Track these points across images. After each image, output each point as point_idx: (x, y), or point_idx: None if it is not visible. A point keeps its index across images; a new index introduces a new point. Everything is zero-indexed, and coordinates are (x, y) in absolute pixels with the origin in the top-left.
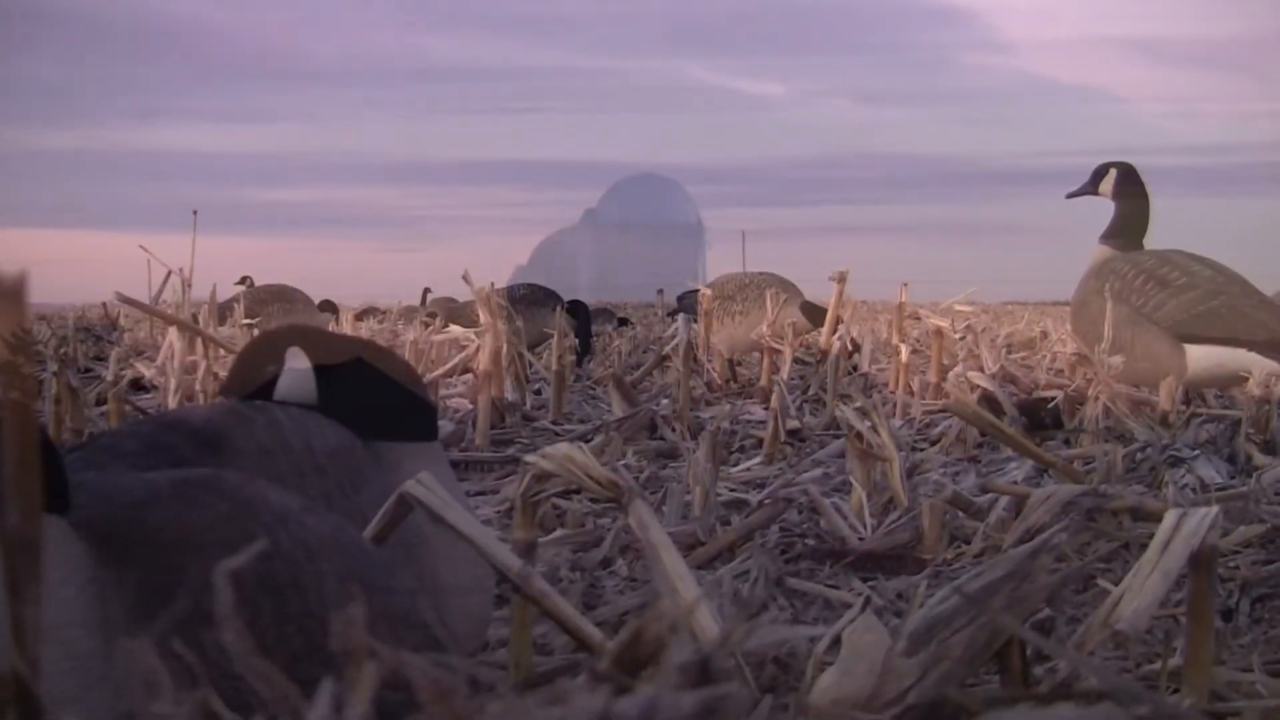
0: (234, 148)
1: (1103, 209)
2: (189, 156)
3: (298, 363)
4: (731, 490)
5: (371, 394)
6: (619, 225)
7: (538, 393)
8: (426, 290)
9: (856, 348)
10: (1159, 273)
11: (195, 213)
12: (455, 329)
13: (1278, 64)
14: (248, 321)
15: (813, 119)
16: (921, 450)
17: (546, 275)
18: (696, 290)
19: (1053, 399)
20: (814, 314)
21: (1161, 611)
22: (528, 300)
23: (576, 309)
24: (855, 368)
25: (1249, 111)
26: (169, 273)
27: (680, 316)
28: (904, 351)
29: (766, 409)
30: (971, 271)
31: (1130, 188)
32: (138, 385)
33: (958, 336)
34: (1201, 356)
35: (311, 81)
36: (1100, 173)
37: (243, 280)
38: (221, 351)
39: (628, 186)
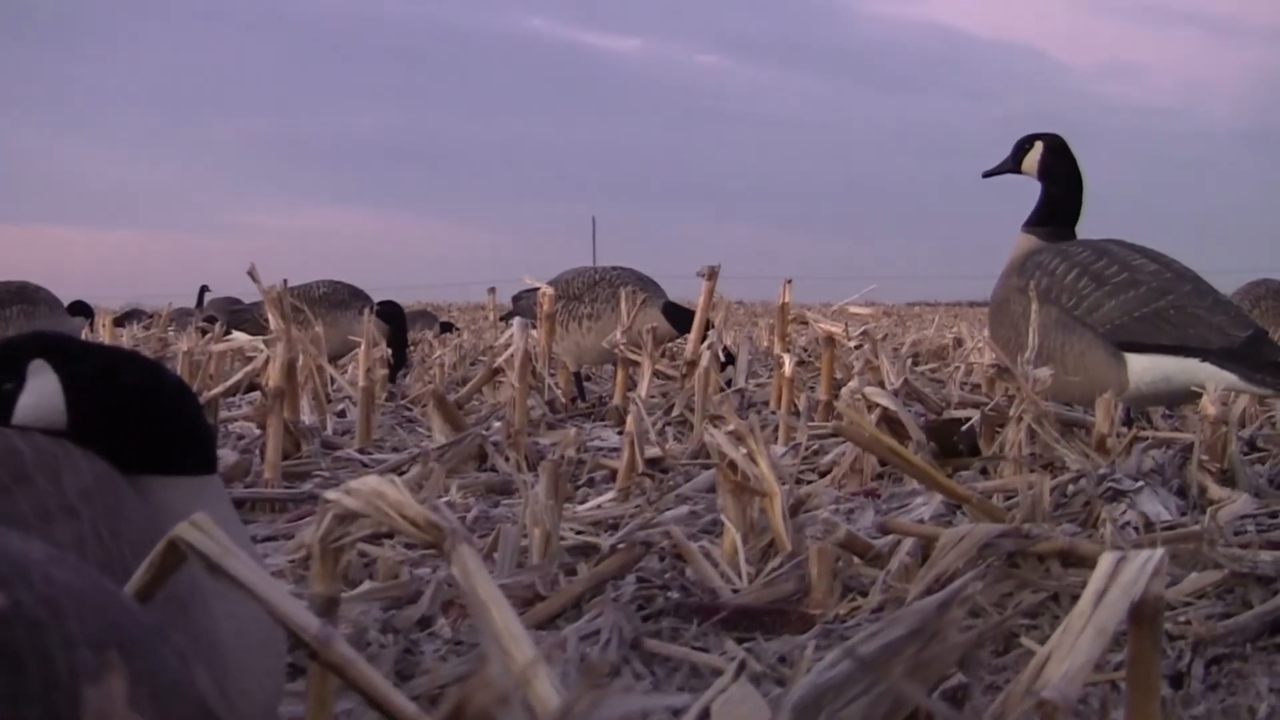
0: None
1: (1027, 190)
2: None
3: (42, 379)
4: (578, 533)
5: (134, 417)
6: None
7: (341, 414)
8: (204, 289)
9: (730, 358)
10: (1094, 267)
11: None
12: (239, 336)
13: (1237, 12)
14: None
15: (676, 79)
16: (809, 483)
17: None
18: (536, 289)
19: (967, 420)
20: (678, 317)
21: (1097, 676)
22: (329, 301)
23: (389, 312)
24: (729, 383)
25: (1203, 70)
26: None
27: (516, 321)
28: (788, 363)
29: (621, 433)
30: (870, 267)
31: (1059, 164)
32: None
33: (853, 345)
34: (1145, 368)
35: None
36: (1023, 146)
37: None
38: None
39: None
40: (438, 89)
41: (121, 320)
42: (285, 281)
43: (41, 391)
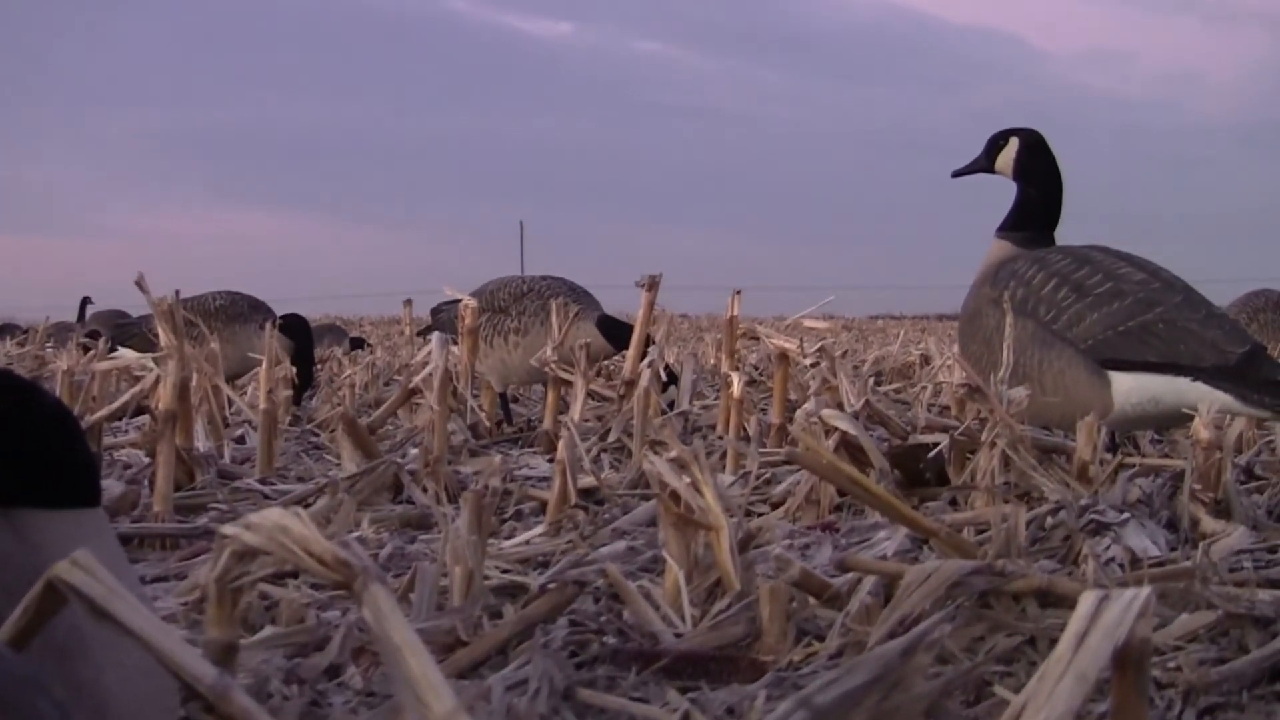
0: None
1: (1001, 191)
2: None
3: None
4: (504, 571)
5: (7, 444)
6: None
7: (240, 440)
8: (86, 300)
9: (673, 378)
10: (1075, 276)
11: None
12: (126, 354)
13: None
14: None
15: (613, 69)
16: (760, 515)
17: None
18: (457, 300)
19: (935, 445)
20: (615, 332)
21: None
22: (226, 314)
23: (293, 326)
24: (671, 404)
25: (1195, 59)
26: None
27: (435, 336)
28: (736, 382)
29: (551, 461)
30: (827, 276)
31: (1037, 163)
32: None
33: (808, 362)
34: (1131, 388)
35: None
36: (997, 143)
37: None
38: None
39: None
40: (345, 78)
41: None
42: (177, 292)
43: None
